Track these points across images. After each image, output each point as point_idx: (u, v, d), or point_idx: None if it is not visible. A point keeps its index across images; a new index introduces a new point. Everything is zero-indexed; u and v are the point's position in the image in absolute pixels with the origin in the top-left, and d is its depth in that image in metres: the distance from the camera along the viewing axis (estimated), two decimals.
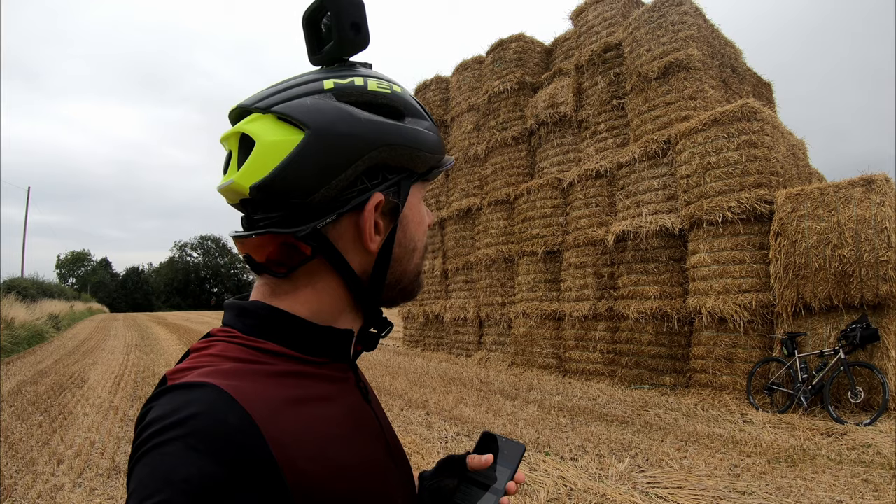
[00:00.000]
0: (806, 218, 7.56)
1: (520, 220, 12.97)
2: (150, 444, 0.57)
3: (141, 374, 11.65)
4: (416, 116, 0.81)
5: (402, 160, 0.78)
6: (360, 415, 0.79)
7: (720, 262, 8.55)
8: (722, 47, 10.88)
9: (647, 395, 8.76)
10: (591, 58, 11.92)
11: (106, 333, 24.49)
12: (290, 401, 0.67)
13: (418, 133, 0.79)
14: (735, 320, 8.18)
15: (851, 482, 4.84)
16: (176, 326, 29.06)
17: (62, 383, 10.42)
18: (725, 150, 8.65)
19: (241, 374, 0.66)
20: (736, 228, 8.43)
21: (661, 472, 5.21)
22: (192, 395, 0.60)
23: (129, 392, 9.46)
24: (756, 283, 8.20)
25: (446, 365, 12.92)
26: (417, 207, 0.83)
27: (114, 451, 6.01)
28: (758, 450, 5.84)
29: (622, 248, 10.18)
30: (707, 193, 8.80)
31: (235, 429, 0.59)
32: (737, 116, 8.61)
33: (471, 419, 7.30)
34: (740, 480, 4.95)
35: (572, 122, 12.51)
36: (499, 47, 15.09)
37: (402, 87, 0.82)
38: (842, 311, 7.37)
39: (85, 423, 7.20)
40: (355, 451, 0.72)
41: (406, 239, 0.81)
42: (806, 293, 7.49)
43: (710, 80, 10.09)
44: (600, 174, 11.13)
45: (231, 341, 0.72)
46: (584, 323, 10.82)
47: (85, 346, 18.32)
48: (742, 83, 11.22)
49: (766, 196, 8.15)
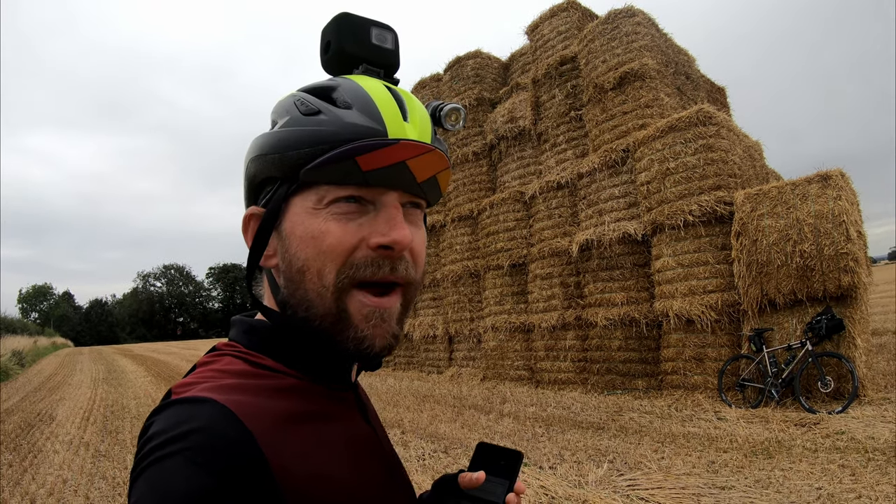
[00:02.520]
0: (766, 216, 7.70)
1: (484, 235, 12.97)
2: (151, 457, 0.57)
3: (110, 407, 11.32)
4: (309, 114, 0.72)
5: (270, 169, 0.73)
6: (361, 434, 0.77)
7: (684, 264, 8.65)
8: (676, 55, 11.12)
9: (621, 401, 8.76)
10: (548, 71, 12.08)
11: (72, 368, 23.90)
12: (290, 417, 0.67)
13: (286, 134, 0.71)
14: (702, 321, 8.25)
15: (828, 468, 4.88)
16: (143, 358, 28.62)
17: (30, 421, 10.04)
18: (683, 156, 8.79)
19: (242, 389, 0.66)
20: (697, 231, 8.55)
21: (641, 474, 5.18)
22: (193, 409, 0.60)
23: (98, 427, 9.15)
24: (720, 283, 8.30)
25: (418, 383, 12.76)
26: (303, 220, 0.71)
27: (87, 487, 5.79)
28: (734, 445, 5.85)
29: (587, 257, 10.23)
30: (667, 199, 8.92)
31: (234, 443, 0.59)
32: (693, 122, 8.77)
33: (447, 435, 7.19)
34: (719, 476, 4.95)
35: (532, 136, 12.62)
36: (456, 64, 15.24)
37: (322, 84, 0.76)
38: (806, 305, 7.49)
39: (56, 461, 6.93)
40: (355, 470, 0.71)
41: (288, 256, 0.72)
42: (770, 289, 7.61)
43: (666, 88, 10.29)
44: (561, 185, 11.19)
45: (235, 355, 0.73)
46: (554, 333, 10.80)
47: (51, 382, 17.80)
48: (696, 89, 11.47)
49: (725, 198, 8.30)
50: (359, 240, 0.70)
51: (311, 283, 0.70)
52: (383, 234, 0.70)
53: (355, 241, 0.70)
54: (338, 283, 0.69)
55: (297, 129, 0.70)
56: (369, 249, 0.70)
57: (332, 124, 0.69)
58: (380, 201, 0.71)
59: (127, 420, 9.70)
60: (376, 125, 0.69)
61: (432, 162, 0.73)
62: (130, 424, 9.26)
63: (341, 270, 0.69)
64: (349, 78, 0.76)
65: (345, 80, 0.75)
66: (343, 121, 0.69)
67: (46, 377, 20.00)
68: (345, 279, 0.69)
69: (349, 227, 0.70)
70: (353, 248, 0.70)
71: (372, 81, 0.75)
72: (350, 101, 0.71)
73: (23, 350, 27.77)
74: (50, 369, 23.88)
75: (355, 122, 0.69)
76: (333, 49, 0.79)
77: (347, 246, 0.69)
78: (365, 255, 0.70)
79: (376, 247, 0.70)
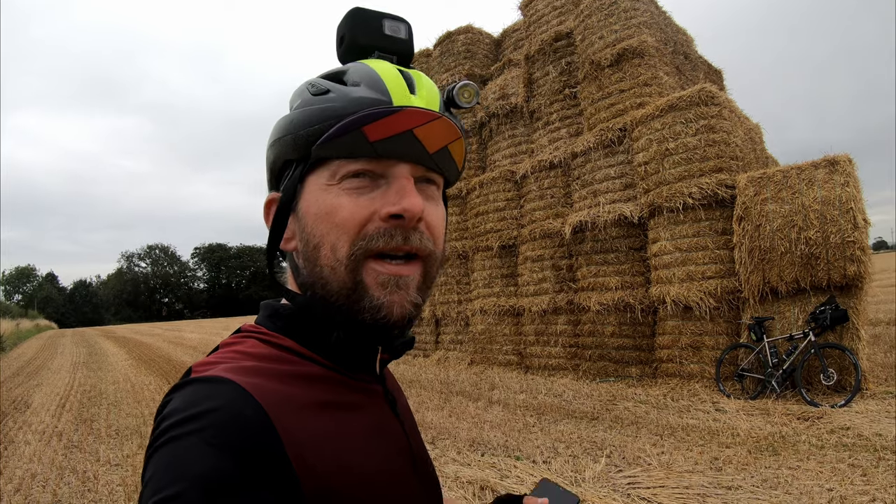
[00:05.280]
0: (769, 201, 7.41)
1: (473, 215, 12.62)
2: (166, 436, 0.56)
3: (87, 393, 10.96)
4: (318, 94, 0.73)
5: (287, 151, 0.74)
6: (386, 428, 0.77)
7: (682, 249, 8.37)
8: (674, 34, 10.80)
9: (614, 388, 8.51)
10: (542, 47, 11.70)
11: (53, 351, 23.45)
12: (310, 403, 0.67)
13: (297, 115, 0.73)
14: (700, 308, 7.99)
15: (838, 468, 4.66)
16: (126, 340, 28.51)
17: (4, 409, 9.63)
18: (684, 136, 8.47)
19: (262, 372, 0.66)
20: (697, 214, 8.26)
21: (640, 471, 4.93)
22: (211, 389, 0.60)
23: (73, 415, 8.80)
24: (720, 269, 8.03)
25: (404, 367, 12.49)
26: (317, 197, 0.72)
27: (56, 482, 5.47)
28: (736, 440, 5.62)
29: (580, 240, 9.93)
30: (666, 180, 8.62)
31: (251, 425, 0.58)
32: (694, 101, 8.45)
33: (434, 424, 6.92)
34: (723, 474, 4.71)
35: (524, 113, 12.23)
36: (446, 39, 14.74)
37: (334, 69, 0.78)
38: (809, 294, 7.24)
39: (26, 453, 6.58)
40: (376, 464, 0.70)
41: (305, 234, 0.73)
42: (772, 277, 7.34)
43: (665, 67, 9.95)
44: (554, 165, 10.85)
45: (259, 338, 0.73)
46: (544, 317, 10.52)
47: (30, 367, 17.31)
48: (695, 70, 11.18)
49: (726, 181, 8.00)
50: (371, 212, 0.70)
51: (326, 258, 0.70)
52: (394, 203, 0.69)
53: (367, 214, 0.70)
54: (351, 255, 0.69)
55: (308, 109, 0.72)
56: (381, 221, 0.70)
57: (339, 100, 0.70)
58: (390, 173, 0.71)
59: (103, 407, 9.34)
60: (381, 96, 0.70)
61: (441, 131, 0.73)
62: (106, 412, 8.92)
63: (354, 243, 0.69)
64: (360, 62, 0.77)
65: (356, 63, 0.76)
66: (350, 96, 0.70)
67: (26, 361, 19.54)
68: (358, 251, 0.69)
69: (361, 201, 0.70)
70: (366, 220, 0.70)
71: (382, 63, 0.75)
72: (358, 80, 0.72)
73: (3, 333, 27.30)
74: (31, 353, 23.44)
75: (361, 96, 0.70)
76: (347, 42, 0.81)
77: (359, 219, 0.69)
78: (377, 227, 0.70)
79: (387, 216, 0.69)
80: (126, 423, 7.99)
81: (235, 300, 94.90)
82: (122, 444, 6.84)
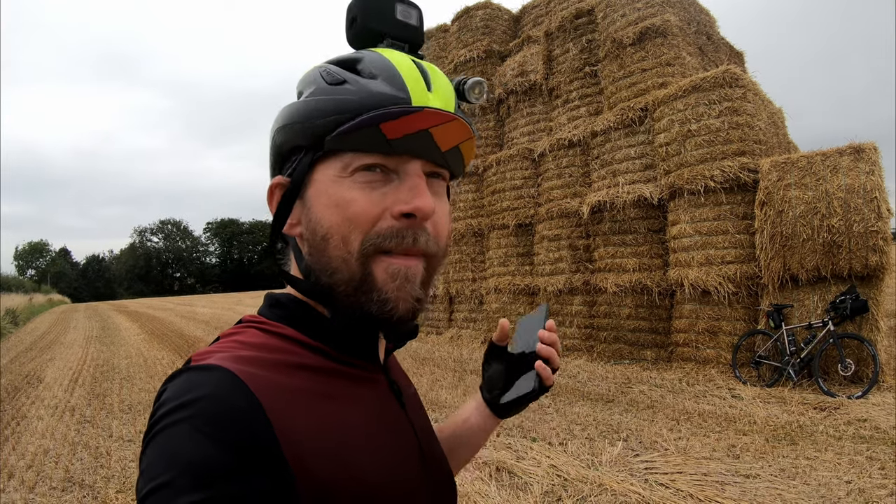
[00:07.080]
0: (793, 187, 7.32)
1: (489, 193, 12.55)
2: (160, 424, 0.57)
3: (100, 368, 11.02)
4: (335, 83, 0.72)
5: (297, 138, 0.73)
6: (391, 421, 0.77)
7: (702, 232, 8.30)
8: (697, 14, 10.57)
9: (629, 371, 8.53)
10: (562, 24, 11.49)
11: (65, 326, 23.48)
12: (306, 394, 0.66)
13: (312, 103, 0.72)
14: (719, 292, 7.94)
15: (856, 460, 4.66)
16: (138, 315, 28.47)
17: (17, 384, 9.66)
18: (706, 118, 8.35)
19: (259, 362, 0.66)
20: (718, 198, 8.17)
21: (658, 456, 4.95)
22: (204, 377, 0.60)
23: (86, 390, 8.84)
24: (740, 253, 7.96)
25: (417, 344, 12.55)
26: (328, 187, 0.71)
27: (69, 459, 5.50)
28: (753, 427, 5.62)
29: (598, 220, 9.87)
30: (687, 162, 8.52)
31: (242, 414, 0.58)
32: (718, 83, 8.31)
33: (448, 403, 6.97)
34: (741, 462, 4.73)
35: (543, 91, 12.08)
36: (464, 15, 14.52)
37: (347, 56, 0.76)
38: (829, 283, 7.18)
39: (39, 428, 6.62)
40: (378, 460, 0.69)
41: (312, 223, 0.73)
42: (793, 264, 7.28)
43: (688, 47, 9.78)
44: (573, 144, 10.73)
45: (259, 328, 0.73)
46: (560, 297, 10.51)
47: (43, 341, 17.33)
48: (717, 51, 10.96)
49: (749, 164, 7.89)
50: (382, 209, 0.70)
51: (336, 249, 0.70)
52: (406, 201, 0.69)
53: (379, 211, 0.70)
54: (362, 250, 0.69)
55: (324, 98, 0.71)
56: (392, 219, 0.70)
57: (357, 93, 0.69)
58: (403, 170, 0.71)
59: (116, 382, 9.40)
60: (400, 94, 0.69)
61: (456, 131, 0.73)
62: (119, 387, 8.98)
63: (366, 239, 0.69)
64: (374, 50, 0.76)
65: (370, 52, 0.75)
66: (368, 90, 0.69)
67: (39, 335, 19.56)
68: (370, 247, 0.69)
69: (373, 196, 0.70)
70: (378, 217, 0.70)
71: (397, 54, 0.75)
72: (375, 72, 0.71)
73: (17, 308, 27.44)
74: (44, 327, 23.48)
75: (380, 91, 0.69)
76: (359, 25, 0.81)
77: (372, 215, 0.69)
78: (389, 226, 0.70)
79: (399, 215, 0.70)
80: (139, 397, 8.04)
81: (247, 275, 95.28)
82: (134, 419, 6.88)
